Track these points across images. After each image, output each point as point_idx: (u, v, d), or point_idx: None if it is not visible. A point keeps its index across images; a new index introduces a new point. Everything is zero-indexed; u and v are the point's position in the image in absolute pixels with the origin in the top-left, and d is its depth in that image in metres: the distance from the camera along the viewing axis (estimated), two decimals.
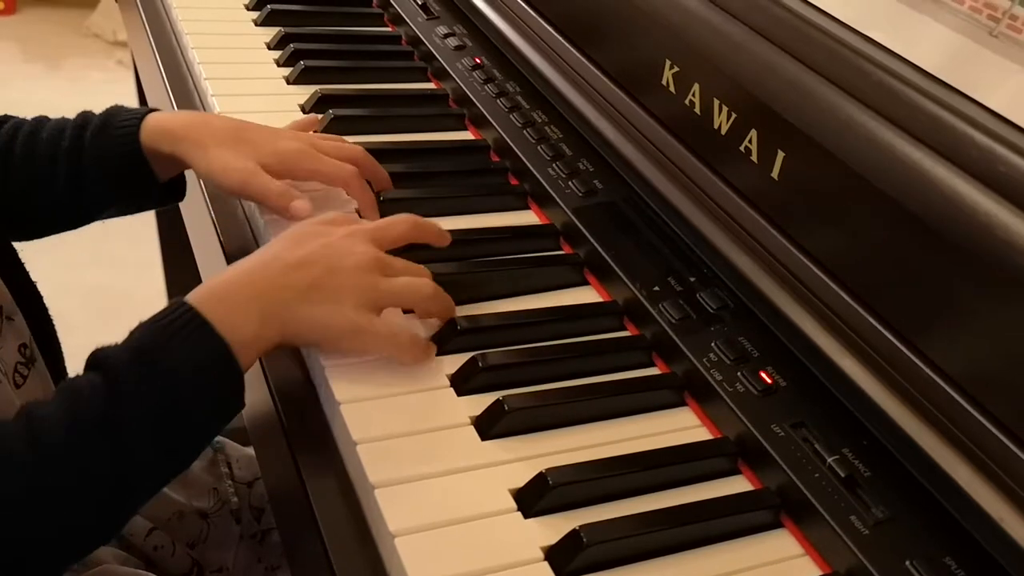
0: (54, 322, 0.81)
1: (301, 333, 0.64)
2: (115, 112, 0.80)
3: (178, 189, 0.84)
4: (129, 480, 0.56)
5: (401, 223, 0.70)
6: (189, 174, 0.85)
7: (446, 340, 0.68)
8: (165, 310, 0.60)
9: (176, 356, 0.58)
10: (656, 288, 0.72)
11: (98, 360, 0.58)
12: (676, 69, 0.75)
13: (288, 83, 0.98)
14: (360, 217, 0.79)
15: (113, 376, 0.56)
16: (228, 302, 0.61)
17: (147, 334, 0.59)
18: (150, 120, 0.78)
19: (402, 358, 0.65)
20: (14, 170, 0.79)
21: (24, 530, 0.53)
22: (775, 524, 0.59)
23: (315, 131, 0.87)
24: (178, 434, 0.58)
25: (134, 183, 0.80)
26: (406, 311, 0.70)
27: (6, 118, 0.82)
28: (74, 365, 0.81)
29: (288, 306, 0.62)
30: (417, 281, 0.67)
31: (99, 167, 0.78)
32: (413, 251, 0.76)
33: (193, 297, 0.61)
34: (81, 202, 0.81)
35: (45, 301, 0.80)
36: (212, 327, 0.59)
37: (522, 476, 0.59)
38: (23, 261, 0.79)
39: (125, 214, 0.85)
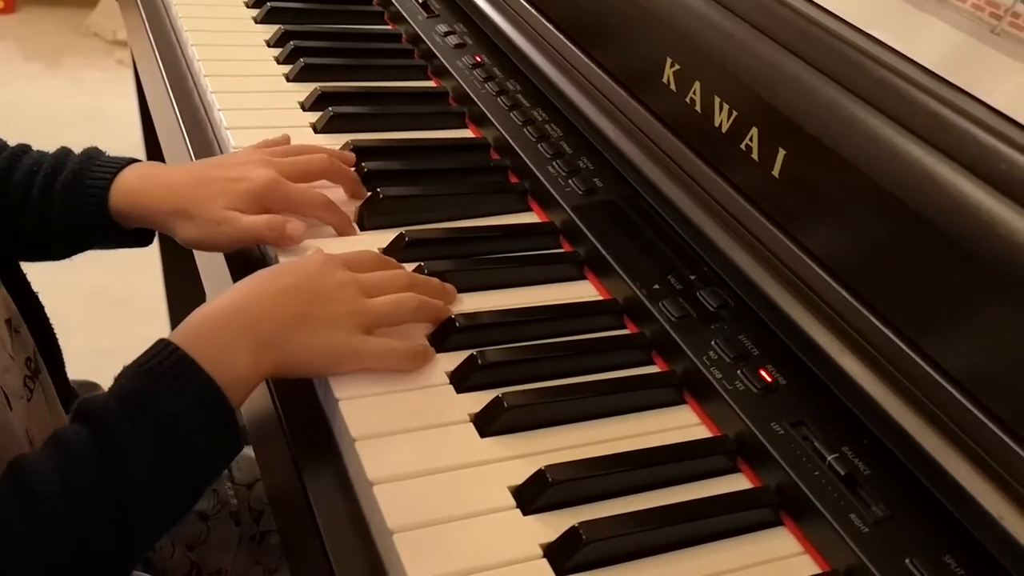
0: (53, 326, 0.80)
1: (298, 362, 0.63)
2: (86, 167, 0.78)
3: (148, 234, 0.83)
4: (128, 530, 0.55)
5: (370, 256, 0.71)
6: None
7: (445, 337, 0.68)
8: (149, 352, 0.59)
9: (164, 402, 0.56)
10: (656, 286, 0.72)
11: (85, 411, 0.56)
12: (677, 67, 0.75)
13: (288, 80, 0.98)
14: (337, 233, 0.78)
15: (102, 427, 0.55)
16: (215, 337, 0.60)
17: (132, 381, 0.57)
18: (120, 183, 0.76)
19: (403, 369, 0.65)
20: None
21: None
22: (775, 522, 0.59)
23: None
24: (174, 481, 0.57)
25: (103, 236, 0.79)
26: None
27: None
28: (73, 367, 0.82)
29: (281, 335, 0.61)
30: (401, 298, 0.67)
31: (66, 220, 0.77)
32: (414, 248, 0.76)
33: (177, 335, 0.59)
34: (49, 244, 0.80)
35: (44, 304, 0.79)
36: (199, 366, 0.57)
37: (521, 473, 0.59)
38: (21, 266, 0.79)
39: (97, 249, 0.84)
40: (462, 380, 0.65)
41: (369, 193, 0.81)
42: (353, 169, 0.82)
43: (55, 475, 0.53)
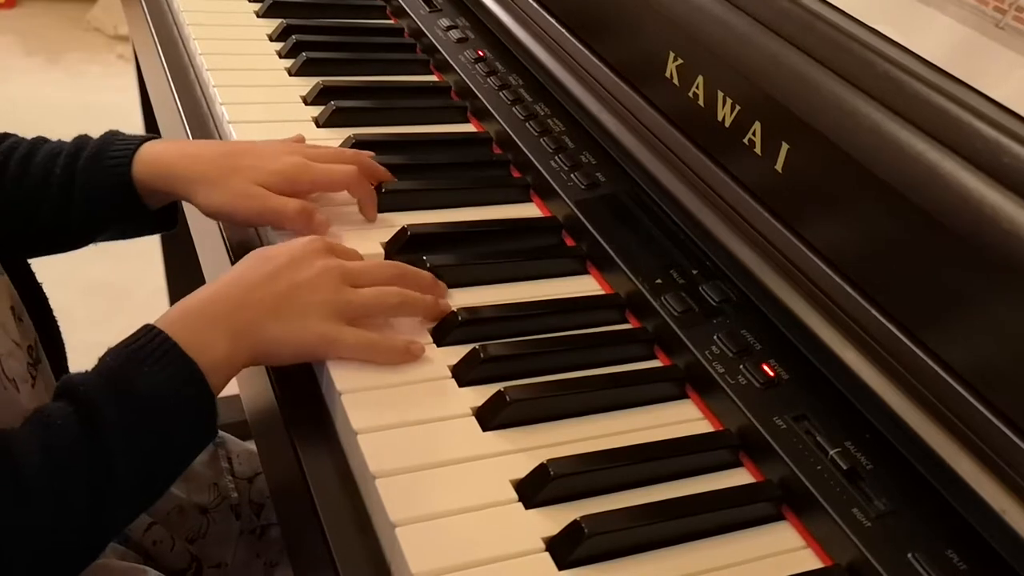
0: (58, 320, 0.80)
1: (272, 351, 0.63)
2: (109, 141, 0.78)
3: (171, 217, 0.83)
4: (105, 507, 0.56)
5: (354, 254, 0.71)
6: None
7: (447, 331, 0.68)
8: (133, 335, 0.60)
9: (147, 380, 0.57)
10: (658, 281, 0.72)
11: (68, 388, 0.57)
12: (680, 61, 0.75)
13: (290, 75, 0.98)
14: (360, 211, 0.79)
15: (86, 404, 0.56)
16: (196, 324, 0.61)
17: (117, 360, 0.58)
18: (143, 153, 0.77)
19: (381, 363, 0.65)
20: (4, 191, 0.78)
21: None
22: (777, 516, 0.59)
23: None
24: (153, 460, 0.58)
25: (124, 213, 0.79)
26: None
27: (5, 136, 0.81)
28: (76, 360, 0.81)
29: (256, 325, 0.62)
30: (384, 291, 0.67)
31: (89, 197, 0.77)
32: (416, 243, 0.76)
33: (161, 321, 0.61)
34: (69, 228, 0.80)
35: (48, 300, 0.79)
36: (181, 349, 0.59)
37: (523, 467, 0.59)
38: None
39: (118, 239, 0.84)
40: (464, 374, 0.65)
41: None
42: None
43: (38, 449, 0.54)
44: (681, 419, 0.65)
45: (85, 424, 0.55)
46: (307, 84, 0.95)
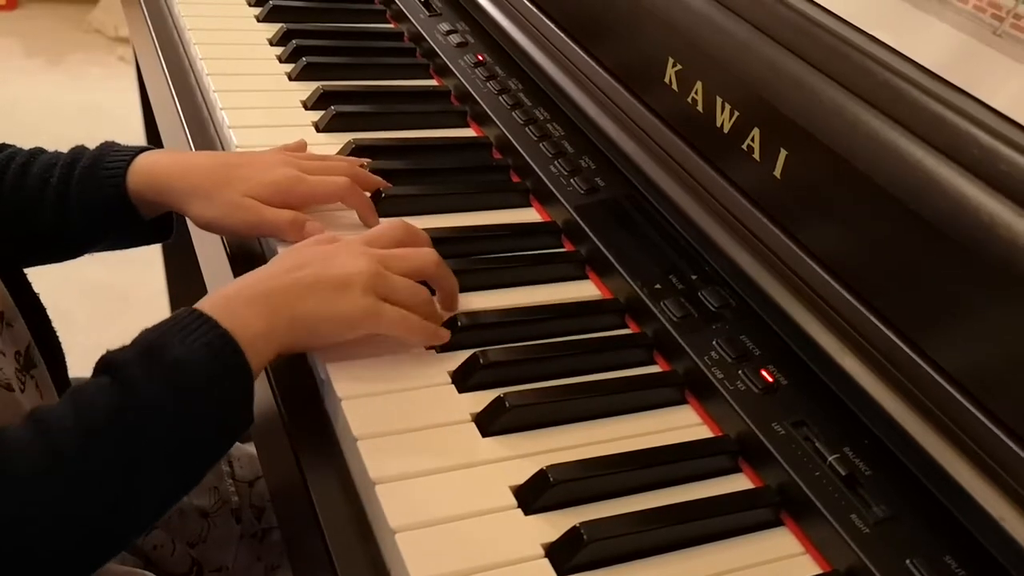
0: (55, 321, 0.80)
1: (312, 326, 0.63)
2: (105, 152, 0.79)
3: (167, 227, 0.84)
4: (139, 478, 0.55)
5: (393, 230, 0.71)
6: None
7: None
8: (170, 316, 0.60)
9: (183, 348, 0.57)
10: (657, 286, 0.72)
11: (105, 361, 0.57)
12: (679, 67, 0.75)
13: (290, 79, 0.98)
14: (360, 220, 0.79)
15: (121, 372, 0.56)
16: (233, 304, 0.61)
17: (152, 333, 0.59)
18: (138, 165, 0.77)
19: (413, 339, 0.66)
20: (2, 199, 0.78)
21: (33, 540, 0.52)
22: (775, 522, 0.59)
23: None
24: (187, 430, 0.57)
25: (120, 224, 0.79)
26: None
27: (3, 146, 0.81)
28: (75, 362, 0.82)
29: (295, 303, 0.62)
30: (418, 288, 0.68)
31: (84, 208, 0.77)
32: None
33: (198, 303, 0.61)
34: (65, 238, 0.80)
35: (46, 299, 0.79)
36: (217, 322, 0.59)
37: (523, 473, 0.59)
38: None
39: (115, 249, 0.84)
40: (464, 379, 0.65)
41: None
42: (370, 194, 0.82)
43: (74, 426, 0.54)
44: (680, 425, 0.65)
45: (119, 391, 0.55)
46: (307, 89, 0.95)
